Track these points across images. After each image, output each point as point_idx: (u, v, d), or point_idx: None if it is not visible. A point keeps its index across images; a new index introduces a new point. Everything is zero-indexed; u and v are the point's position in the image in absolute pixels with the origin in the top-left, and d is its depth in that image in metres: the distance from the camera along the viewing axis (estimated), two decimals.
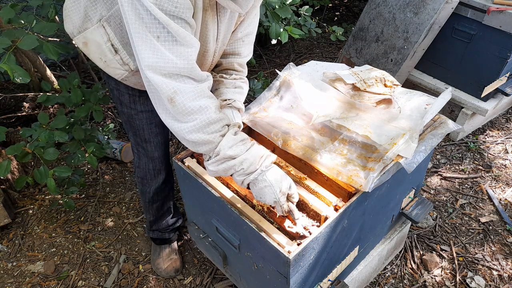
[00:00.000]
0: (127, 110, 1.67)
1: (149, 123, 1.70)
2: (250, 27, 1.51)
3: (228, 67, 1.55)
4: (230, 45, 1.51)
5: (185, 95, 1.17)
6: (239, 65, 1.56)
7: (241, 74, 1.57)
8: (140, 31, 1.10)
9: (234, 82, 1.52)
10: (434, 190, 2.58)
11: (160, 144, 1.79)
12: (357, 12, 4.80)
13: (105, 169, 2.80)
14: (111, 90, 1.63)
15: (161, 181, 1.92)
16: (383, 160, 1.38)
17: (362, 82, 1.65)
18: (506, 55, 2.54)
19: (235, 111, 1.47)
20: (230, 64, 1.54)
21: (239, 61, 1.55)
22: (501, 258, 2.18)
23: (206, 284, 2.09)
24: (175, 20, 1.09)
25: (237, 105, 1.47)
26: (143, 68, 1.14)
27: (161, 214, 2.06)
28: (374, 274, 2.06)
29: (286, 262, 1.21)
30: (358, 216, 1.46)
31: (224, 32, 1.39)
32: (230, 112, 1.46)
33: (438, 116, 1.63)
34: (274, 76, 3.67)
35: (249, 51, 1.59)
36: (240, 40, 1.52)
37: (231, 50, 1.53)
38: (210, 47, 1.37)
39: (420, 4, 2.68)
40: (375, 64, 2.97)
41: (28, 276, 2.17)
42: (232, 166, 1.24)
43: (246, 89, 1.57)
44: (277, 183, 1.26)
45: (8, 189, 2.53)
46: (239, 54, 1.54)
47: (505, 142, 2.93)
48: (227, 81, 1.51)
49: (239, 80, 1.54)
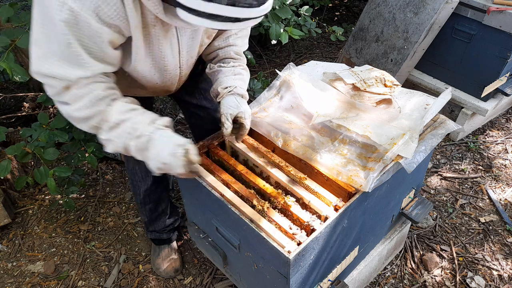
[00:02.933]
0: None
1: None
2: None
3: (225, 56, 1.55)
4: (225, 40, 1.53)
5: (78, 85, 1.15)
6: (236, 53, 1.55)
7: (240, 61, 1.57)
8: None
9: (233, 70, 1.52)
10: (434, 190, 2.58)
11: None
12: (357, 12, 4.80)
13: (105, 169, 2.80)
14: None
15: (149, 183, 1.90)
16: (383, 160, 1.38)
17: (362, 82, 1.65)
18: (506, 55, 2.54)
19: (238, 97, 1.46)
20: (226, 53, 1.54)
21: (235, 50, 1.55)
22: (501, 258, 2.18)
23: (206, 284, 2.09)
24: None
25: (239, 91, 1.47)
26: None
27: (156, 216, 2.05)
28: (374, 274, 2.06)
29: (286, 262, 1.21)
30: (358, 216, 1.46)
31: (188, 44, 1.37)
32: (233, 99, 1.45)
33: (438, 116, 1.63)
34: (274, 76, 3.67)
35: (244, 42, 1.60)
36: (234, 35, 1.53)
37: (226, 43, 1.53)
38: (168, 61, 1.36)
39: (420, 4, 2.68)
40: (375, 64, 2.97)
41: (28, 276, 2.17)
42: (123, 131, 1.21)
43: (247, 75, 1.57)
44: (169, 141, 1.22)
45: (8, 189, 2.53)
46: (235, 44, 1.55)
47: (505, 142, 2.93)
48: (225, 69, 1.52)
49: (238, 67, 1.55)
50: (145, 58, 1.30)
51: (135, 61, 1.28)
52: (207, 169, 1.51)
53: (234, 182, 1.45)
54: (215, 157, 1.59)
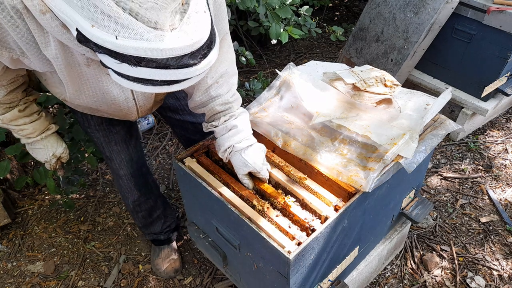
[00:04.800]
0: (84, 128, 1.67)
1: (108, 141, 1.67)
2: (221, 68, 1.36)
3: (212, 113, 1.42)
4: (204, 93, 1.37)
5: None
6: (223, 104, 1.40)
7: (230, 110, 1.42)
8: None
9: (225, 126, 1.40)
10: (434, 190, 2.58)
11: (124, 162, 1.75)
12: (357, 12, 4.80)
13: (105, 169, 2.80)
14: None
15: (135, 197, 1.88)
16: (383, 160, 1.38)
17: (362, 82, 1.65)
18: (506, 55, 2.54)
19: (244, 152, 1.39)
20: (212, 110, 1.40)
21: (221, 101, 1.39)
22: (501, 258, 2.17)
23: (206, 284, 2.09)
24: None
25: (239, 147, 1.39)
26: None
27: (150, 222, 2.04)
28: (374, 274, 2.06)
29: (286, 262, 1.21)
30: (358, 216, 1.46)
31: None
32: (239, 158, 1.39)
33: (438, 116, 1.63)
34: (274, 76, 3.67)
35: (230, 84, 1.41)
36: (214, 84, 1.37)
37: (208, 97, 1.38)
38: (116, 95, 1.30)
39: (420, 4, 2.68)
40: (375, 64, 2.97)
41: (28, 276, 2.17)
42: (13, 129, 1.44)
43: (243, 121, 1.42)
44: (52, 148, 1.55)
45: (8, 189, 2.52)
46: (218, 95, 1.38)
47: (505, 142, 2.93)
48: (218, 129, 1.42)
49: (229, 120, 1.41)
50: (80, 94, 1.26)
51: (70, 93, 1.26)
52: (207, 169, 1.51)
53: (234, 182, 1.45)
54: (215, 157, 1.59)
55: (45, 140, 1.54)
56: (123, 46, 0.82)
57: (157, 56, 0.84)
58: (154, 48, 0.82)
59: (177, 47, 0.84)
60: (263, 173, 1.42)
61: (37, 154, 1.57)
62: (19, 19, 0.96)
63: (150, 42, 0.81)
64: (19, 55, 1.07)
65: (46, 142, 1.55)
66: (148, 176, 1.94)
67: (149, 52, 0.83)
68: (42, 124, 1.50)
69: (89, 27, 0.82)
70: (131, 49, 0.82)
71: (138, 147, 1.81)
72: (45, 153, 1.56)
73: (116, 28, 0.80)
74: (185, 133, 1.87)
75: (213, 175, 1.47)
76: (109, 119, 1.61)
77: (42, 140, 1.53)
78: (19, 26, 0.97)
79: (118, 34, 0.81)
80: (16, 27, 0.97)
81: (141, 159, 1.85)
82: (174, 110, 1.76)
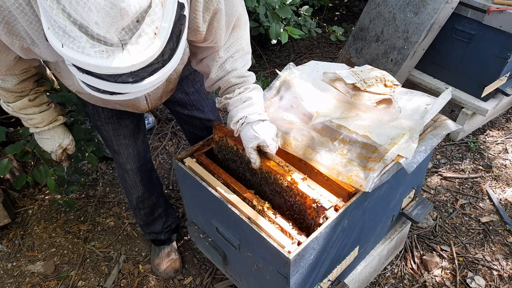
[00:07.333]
0: (93, 121, 1.68)
1: (117, 135, 1.69)
2: (236, 44, 1.38)
3: (228, 85, 1.42)
4: (220, 68, 1.39)
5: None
6: (238, 77, 1.41)
7: (245, 83, 1.43)
8: None
9: (240, 98, 1.41)
10: (434, 190, 2.58)
11: (131, 156, 1.76)
12: (357, 12, 4.80)
13: (105, 169, 2.80)
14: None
15: (140, 193, 1.90)
16: (383, 160, 1.38)
17: (362, 82, 1.65)
18: (506, 55, 2.54)
19: (255, 125, 1.38)
20: (228, 82, 1.41)
21: (236, 74, 1.41)
22: (501, 258, 2.17)
23: (206, 284, 2.09)
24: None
25: (252, 119, 1.38)
26: None
27: (152, 220, 2.05)
28: (374, 274, 2.06)
29: (286, 262, 1.21)
30: (358, 216, 1.46)
31: None
32: (249, 130, 1.37)
33: (438, 116, 1.63)
34: (274, 76, 3.67)
35: (245, 60, 1.44)
36: (229, 58, 1.38)
37: (224, 72, 1.40)
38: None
39: (420, 4, 2.68)
40: (375, 64, 2.97)
41: (28, 276, 2.17)
42: (22, 118, 1.50)
43: (258, 95, 1.43)
44: (59, 139, 1.59)
45: (8, 189, 2.53)
46: (234, 69, 1.40)
47: (505, 142, 2.93)
48: (232, 100, 1.42)
49: (245, 92, 1.41)
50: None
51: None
52: (207, 169, 1.51)
53: (234, 182, 1.45)
54: (217, 148, 1.59)
55: (53, 130, 1.58)
56: (66, 55, 0.85)
57: (95, 71, 0.87)
58: (92, 64, 0.84)
59: (115, 67, 0.85)
60: (271, 147, 1.40)
61: (44, 144, 1.61)
62: (27, 6, 0.97)
63: (90, 57, 0.83)
64: (29, 44, 1.08)
65: (53, 132, 1.59)
66: (153, 173, 1.96)
67: (89, 66, 0.85)
68: (51, 115, 1.55)
69: (46, 28, 0.86)
70: (73, 60, 0.85)
71: (145, 142, 1.83)
72: (51, 144, 1.60)
73: (64, 36, 0.83)
74: (192, 129, 1.87)
75: (213, 175, 1.47)
76: (119, 112, 1.63)
77: (49, 130, 1.57)
78: (27, 13, 0.98)
79: (64, 43, 0.83)
80: (25, 14, 0.98)
81: (148, 154, 1.87)
82: (182, 105, 1.77)
